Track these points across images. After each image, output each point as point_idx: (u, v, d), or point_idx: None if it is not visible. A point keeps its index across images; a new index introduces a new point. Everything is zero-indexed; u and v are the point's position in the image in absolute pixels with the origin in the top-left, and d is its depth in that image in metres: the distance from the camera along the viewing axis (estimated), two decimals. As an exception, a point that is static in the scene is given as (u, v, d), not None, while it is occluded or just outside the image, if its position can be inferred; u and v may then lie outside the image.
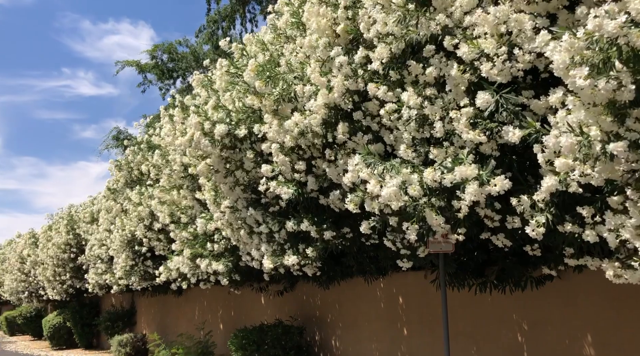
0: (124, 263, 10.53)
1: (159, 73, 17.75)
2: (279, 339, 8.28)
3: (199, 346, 10.76)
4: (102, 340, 18.49)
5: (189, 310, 13.46)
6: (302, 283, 9.38)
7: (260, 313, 10.51)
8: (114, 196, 11.50)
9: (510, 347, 5.95)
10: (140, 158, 11.03)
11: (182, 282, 9.17)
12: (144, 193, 10.12)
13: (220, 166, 6.23)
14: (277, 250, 5.99)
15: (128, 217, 10.26)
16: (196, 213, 8.21)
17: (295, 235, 5.92)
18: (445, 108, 4.02)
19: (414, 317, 7.21)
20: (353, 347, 8.21)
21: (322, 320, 8.92)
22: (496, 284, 5.84)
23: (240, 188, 6.18)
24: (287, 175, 5.53)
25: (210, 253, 7.62)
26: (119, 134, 18.37)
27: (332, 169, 5.07)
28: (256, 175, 6.12)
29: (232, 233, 6.73)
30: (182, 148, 7.97)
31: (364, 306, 8.07)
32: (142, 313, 16.29)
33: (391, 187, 3.96)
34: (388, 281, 7.66)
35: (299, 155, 5.59)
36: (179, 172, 8.22)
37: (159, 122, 11.94)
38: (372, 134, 4.74)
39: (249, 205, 6.22)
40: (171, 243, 9.98)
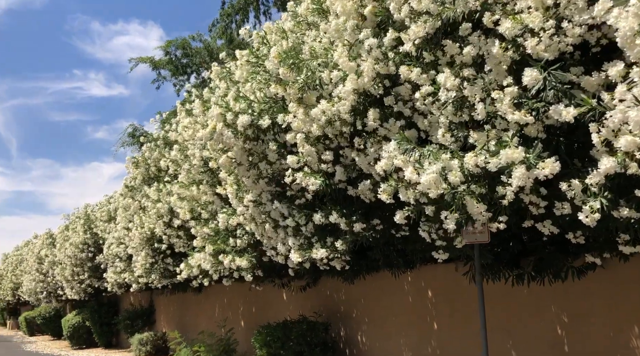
0: (144, 261, 10.40)
1: (173, 69, 17.58)
2: (304, 335, 8.10)
3: (221, 343, 10.63)
4: (122, 339, 18.47)
5: (208, 307, 13.34)
6: (326, 279, 9.19)
7: (282, 309, 10.33)
8: (132, 193, 11.38)
9: (549, 341, 5.72)
10: (157, 155, 10.88)
11: (203, 279, 9.01)
12: (162, 190, 9.97)
13: (243, 158, 6.04)
14: (304, 243, 5.80)
15: (147, 214, 10.12)
16: (217, 208, 8.04)
17: (323, 228, 5.72)
18: (485, 90, 3.78)
19: (444, 311, 6.99)
20: (380, 343, 8.01)
21: (347, 315, 8.73)
22: (534, 275, 5.59)
23: (264, 181, 5.99)
24: (314, 166, 5.32)
25: (233, 249, 7.44)
26: (135, 131, 18.27)
27: (361, 158, 4.85)
28: (280, 167, 5.92)
29: (256, 228, 6.54)
30: (202, 142, 7.81)
31: (391, 300, 7.86)
32: (161, 312, 16.21)
33: (430, 173, 3.74)
34: (416, 274, 7.44)
35: (325, 145, 5.38)
36: (198, 166, 8.05)
37: (175, 118, 11.82)
38: (404, 120, 4.51)
39: (273, 198, 6.03)
40: (191, 240, 9.84)
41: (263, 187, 6.05)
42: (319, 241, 5.69)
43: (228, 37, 15.46)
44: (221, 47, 15.87)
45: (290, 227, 5.97)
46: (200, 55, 17.03)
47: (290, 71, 5.09)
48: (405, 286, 7.62)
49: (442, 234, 4.83)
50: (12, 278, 29.53)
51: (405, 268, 7.34)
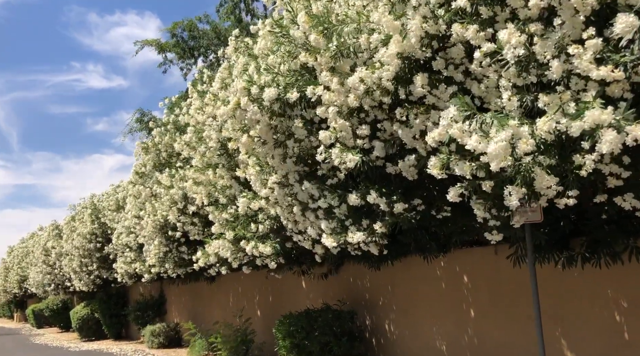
0: (157, 249, 9.98)
1: (179, 51, 16.99)
2: (330, 325, 7.69)
3: (238, 334, 10.25)
4: (132, 330, 18.16)
5: (222, 297, 12.96)
6: (348, 265, 8.77)
7: (301, 298, 9.93)
8: (142, 180, 10.94)
9: (605, 328, 5.29)
10: (168, 140, 10.44)
11: (221, 267, 8.59)
12: (175, 176, 9.54)
13: (268, 136, 5.58)
14: (337, 227, 5.36)
15: (159, 201, 9.68)
16: (235, 193, 7.60)
17: (357, 210, 5.28)
18: (558, 46, 3.31)
19: (482, 297, 6.56)
20: (410, 331, 7.60)
21: (372, 303, 8.31)
22: (588, 257, 5.15)
23: (291, 161, 5.53)
24: (348, 142, 4.87)
25: (254, 235, 7.01)
26: (143, 117, 17.73)
27: (405, 131, 4.39)
28: (309, 145, 5.47)
29: (281, 212, 6.10)
30: (219, 122, 7.36)
31: (422, 287, 7.43)
32: (172, 302, 15.86)
33: (499, 141, 3.28)
34: (450, 259, 7.00)
35: (360, 119, 4.93)
36: (215, 149, 7.60)
37: (184, 102, 11.35)
38: (456, 86, 4.05)
39: (302, 179, 5.58)
40: (207, 227, 9.42)
41: (290, 167, 5.59)
42: (354, 224, 5.25)
43: (237, 17, 14.91)
44: (229, 28, 15.34)
45: (321, 209, 5.53)
46: (207, 37, 16.46)
47: (323, 37, 4.62)
48: (437, 271, 7.18)
49: (495, 213, 4.37)
50: (18, 271, 29.30)
51: (438, 252, 6.91)
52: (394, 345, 7.86)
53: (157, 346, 13.49)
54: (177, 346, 13.70)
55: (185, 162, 10.12)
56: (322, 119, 5.45)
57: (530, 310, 5.95)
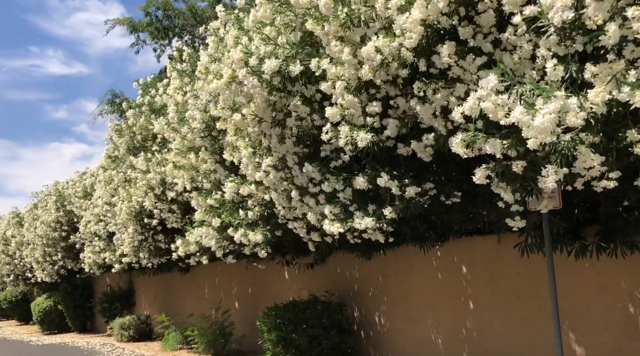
0: (132, 238, 9.41)
1: (153, 31, 16.18)
2: (319, 317, 7.32)
3: (216, 326, 9.79)
4: (97, 323, 17.46)
5: (197, 288, 12.44)
6: (336, 255, 8.41)
7: (284, 289, 9.53)
8: (115, 165, 10.32)
9: (617, 321, 5.06)
10: (143, 122, 9.85)
11: (201, 257, 8.12)
12: (151, 160, 8.98)
13: (266, 114, 5.15)
14: (341, 212, 4.97)
15: (134, 187, 9.11)
16: (221, 177, 7.14)
17: (363, 194, 4.91)
18: (613, 9, 2.99)
19: (482, 289, 6.29)
20: (402, 324, 7.29)
21: (361, 294, 7.98)
22: (604, 246, 4.91)
23: (291, 141, 5.11)
24: (356, 120, 4.47)
25: (243, 222, 6.57)
26: (115, 98, 16.87)
27: (424, 107, 4.03)
28: (311, 125, 5.06)
29: (277, 197, 5.67)
30: (205, 100, 6.89)
31: (416, 277, 7.13)
32: (142, 294, 15.24)
33: (547, 114, 2.94)
34: (447, 249, 6.71)
35: (369, 95, 4.55)
36: (198, 130, 7.11)
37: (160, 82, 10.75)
38: (486, 57, 3.71)
39: (302, 161, 5.17)
40: (186, 214, 8.92)
41: (289, 147, 5.17)
42: (359, 209, 4.87)
43: (215, -5, 14.27)
44: (206, 9, 14.71)
45: (322, 194, 5.13)
46: (183, 16, 15.74)
47: (334, 2, 4.21)
48: (433, 261, 6.89)
49: (519, 197, 4.06)
50: (-26, 261, 27.95)
51: (436, 241, 6.61)
52: (384, 337, 7.54)
53: (127, 340, 12.90)
54: (148, 339, 13.14)
55: (162, 146, 9.57)
56: (324, 96, 5.06)
57: (536, 302, 5.71)
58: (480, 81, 3.19)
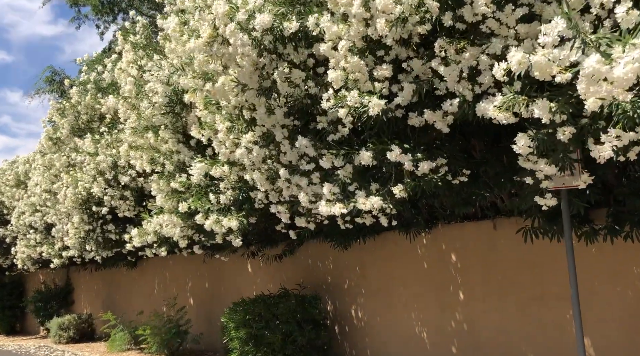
0: (77, 228, 8.46)
1: (96, 5, 14.88)
2: (293, 312, 6.74)
3: (171, 325, 9.01)
4: (29, 324, 16.12)
5: (145, 284, 11.55)
6: (307, 245, 7.85)
7: (247, 283, 8.87)
8: (56, 148, 9.30)
9: (628, 309, 4.77)
10: (89, 100, 8.91)
11: (159, 248, 7.35)
12: (100, 141, 8.09)
13: (252, 80, 4.50)
14: (339, 192, 4.41)
15: (81, 171, 8.17)
16: (185, 159, 6.42)
17: (364, 172, 4.37)
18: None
19: (473, 278, 5.90)
20: (383, 317, 6.82)
21: (336, 287, 7.45)
22: (618, 230, 4.59)
23: (282, 111, 4.49)
24: (363, 85, 3.93)
25: (213, 208, 5.88)
26: (54, 76, 15.45)
27: (450, 68, 3.53)
28: (304, 93, 4.46)
29: (260, 177, 5.03)
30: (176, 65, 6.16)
31: (398, 267, 6.67)
32: (82, 291, 14.11)
33: (629, 63, 2.49)
34: (435, 236, 6.28)
35: (376, 58, 4.02)
36: (160, 105, 6.36)
37: (104, 61, 9.82)
38: (526, 8, 3.25)
39: (292, 135, 4.56)
40: (140, 202, 8.10)
41: (279, 119, 4.55)
42: (360, 188, 4.32)
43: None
44: (155, -16, 13.71)
45: (315, 173, 4.55)
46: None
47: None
48: (418, 250, 6.45)
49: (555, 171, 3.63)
50: None
51: (423, 227, 6.17)
52: (361, 332, 7.05)
53: (67, 341, 11.82)
54: (90, 340, 12.10)
55: (112, 127, 8.68)
56: (317, 62, 4.50)
57: (535, 291, 5.37)
58: (543, 27, 2.70)
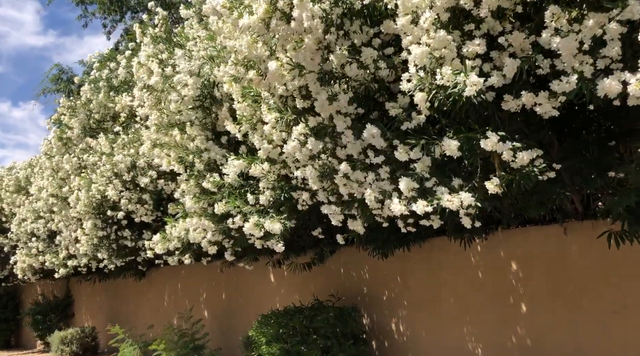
0: (91, 234, 7.84)
1: (105, 2, 14.29)
2: (333, 325, 6.16)
3: (187, 339, 8.38)
4: (25, 338, 15.38)
5: (154, 296, 10.91)
6: (340, 252, 7.29)
7: (269, 294, 8.28)
8: (66, 149, 8.70)
9: None
10: (102, 99, 8.35)
11: (182, 255, 6.76)
12: (117, 141, 7.51)
13: (313, 62, 3.96)
14: (417, 188, 3.86)
15: (96, 173, 7.56)
16: (216, 157, 5.87)
17: (443, 165, 3.84)
18: None
19: (538, 288, 5.36)
20: (429, 331, 6.26)
21: (373, 298, 6.88)
22: None
23: (346, 98, 3.96)
24: (449, 63, 3.41)
25: (253, 210, 5.31)
26: (61, 74, 14.80)
27: (566, 40, 3.02)
28: (371, 77, 3.93)
29: (313, 174, 4.47)
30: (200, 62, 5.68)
31: (448, 277, 6.12)
32: (83, 303, 13.43)
33: None
34: (491, 242, 5.75)
35: (463, 33, 3.52)
36: (190, 98, 5.82)
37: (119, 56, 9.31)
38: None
39: (356, 125, 4.02)
40: (158, 206, 7.52)
41: (342, 106, 4.01)
42: (439, 184, 3.79)
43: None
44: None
45: (384, 167, 4.01)
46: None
47: None
48: (472, 258, 5.91)
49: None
50: None
51: (481, 234, 5.64)
52: (403, 347, 6.48)
53: (69, 356, 11.14)
54: (94, 354, 11.42)
55: (126, 126, 8.12)
56: (383, 43, 3.99)
57: (615, 302, 4.84)
58: None
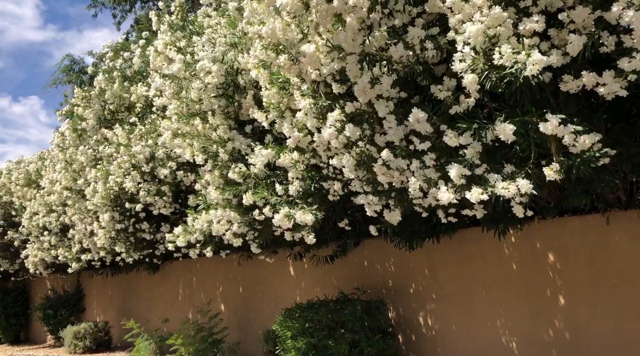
0: (109, 227, 7.67)
1: (115, -10, 14.14)
2: (361, 319, 6.00)
3: (205, 333, 8.24)
4: (34, 333, 15.26)
5: (167, 290, 10.76)
6: (364, 244, 7.12)
7: (289, 288, 8.12)
8: (80, 141, 8.52)
9: None
10: (117, 89, 8.16)
11: (203, 248, 6.59)
12: (134, 131, 7.33)
13: (355, 44, 3.76)
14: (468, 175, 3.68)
15: (113, 164, 7.38)
16: (240, 147, 5.69)
17: (493, 151, 3.66)
18: None
19: (578, 280, 5.19)
20: (459, 324, 6.10)
21: (399, 291, 6.72)
22: None
23: (390, 80, 3.77)
24: (505, 42, 3.23)
25: (282, 200, 5.14)
26: (73, 65, 14.61)
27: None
28: (415, 58, 3.74)
29: (350, 162, 4.29)
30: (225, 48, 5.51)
31: (479, 268, 5.95)
32: (94, 298, 13.28)
33: None
34: (526, 233, 5.57)
35: (519, 10, 3.33)
36: (214, 86, 5.63)
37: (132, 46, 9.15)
38: None
39: (400, 109, 3.84)
40: (176, 198, 7.35)
41: (384, 90, 3.81)
42: (490, 171, 3.60)
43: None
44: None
45: (428, 155, 3.83)
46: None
47: None
48: (505, 249, 5.73)
49: None
50: None
51: (518, 223, 5.46)
52: (432, 341, 6.32)
53: (82, 351, 10.98)
54: (107, 350, 11.27)
55: (142, 117, 7.94)
56: (428, 22, 3.80)
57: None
58: None
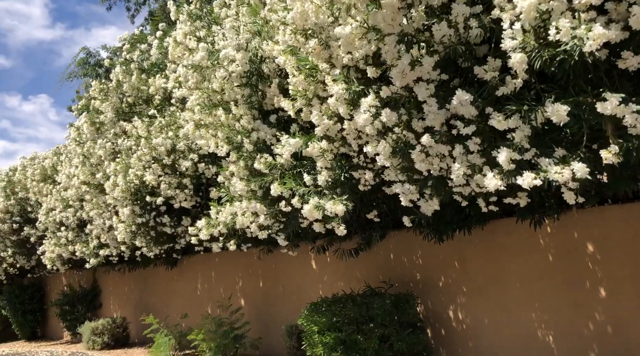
0: (129, 221, 7.55)
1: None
2: (390, 313, 5.84)
3: (227, 329, 8.12)
4: (51, 329, 15.26)
5: (185, 285, 10.65)
6: (390, 237, 6.96)
7: (312, 282, 7.97)
8: (98, 134, 8.40)
9: None
10: (135, 81, 8.03)
11: (227, 241, 6.45)
12: (154, 123, 7.20)
13: (394, 24, 3.59)
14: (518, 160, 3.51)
15: (134, 157, 7.24)
16: (265, 137, 5.53)
17: (542, 135, 3.47)
18: None
19: (619, 272, 5.00)
20: (491, 318, 5.92)
21: (427, 284, 6.55)
22: None
23: (432, 61, 3.59)
24: (557, 17, 3.04)
25: (311, 191, 4.98)
26: (89, 58, 14.50)
27: None
28: (457, 39, 3.56)
29: (385, 149, 4.12)
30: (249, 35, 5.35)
31: (512, 260, 5.77)
32: (110, 293, 13.23)
33: None
34: (563, 222, 5.38)
35: (571, -13, 3.14)
36: (239, 73, 5.48)
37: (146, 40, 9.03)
38: None
39: (440, 91, 3.66)
40: (197, 191, 7.22)
41: (425, 71, 3.64)
42: (539, 155, 3.42)
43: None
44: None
45: (473, 139, 3.65)
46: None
47: None
48: (540, 239, 5.54)
49: None
50: None
51: (552, 214, 5.27)
52: (462, 335, 6.15)
53: (101, 347, 10.92)
54: (125, 345, 11.21)
55: (161, 109, 7.81)
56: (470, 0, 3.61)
57: None
58: None
